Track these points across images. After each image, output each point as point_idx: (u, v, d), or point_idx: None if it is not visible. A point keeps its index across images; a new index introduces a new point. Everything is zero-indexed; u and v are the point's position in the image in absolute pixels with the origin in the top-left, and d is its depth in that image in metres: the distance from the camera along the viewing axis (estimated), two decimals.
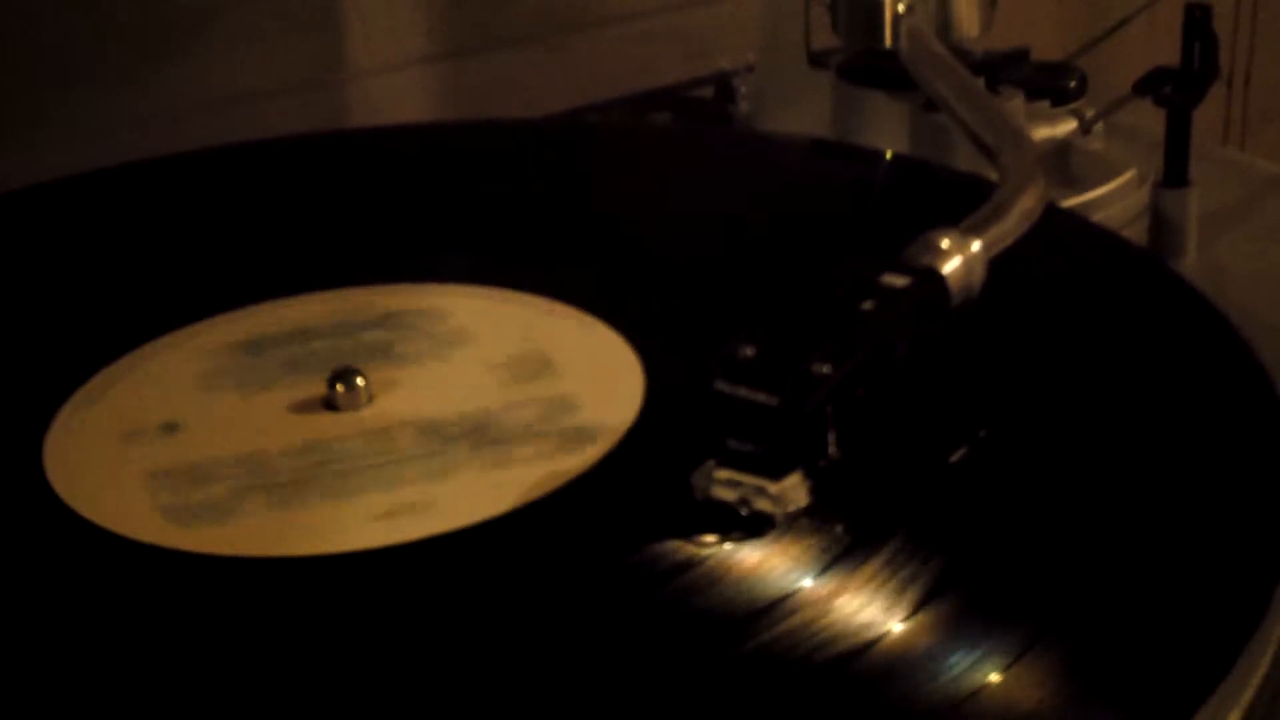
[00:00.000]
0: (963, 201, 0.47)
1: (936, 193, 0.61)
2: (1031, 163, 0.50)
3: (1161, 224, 0.61)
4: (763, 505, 0.39)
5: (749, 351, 0.39)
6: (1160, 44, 0.62)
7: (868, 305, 0.41)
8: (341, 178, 0.64)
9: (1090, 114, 0.66)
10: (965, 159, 0.60)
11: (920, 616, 0.36)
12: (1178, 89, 0.59)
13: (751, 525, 0.39)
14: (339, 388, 0.46)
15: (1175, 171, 0.61)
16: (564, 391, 0.47)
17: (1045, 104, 0.66)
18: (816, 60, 0.71)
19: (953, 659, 0.35)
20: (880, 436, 0.42)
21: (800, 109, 0.72)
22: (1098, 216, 0.62)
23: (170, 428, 0.46)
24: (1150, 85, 0.60)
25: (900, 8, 0.64)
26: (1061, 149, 0.65)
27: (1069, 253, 0.54)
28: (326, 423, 0.46)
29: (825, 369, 0.39)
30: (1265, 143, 1.10)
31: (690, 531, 0.39)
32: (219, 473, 0.44)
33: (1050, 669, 0.35)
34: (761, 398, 0.38)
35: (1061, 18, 0.96)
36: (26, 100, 0.71)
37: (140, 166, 0.64)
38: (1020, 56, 0.67)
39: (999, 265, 0.44)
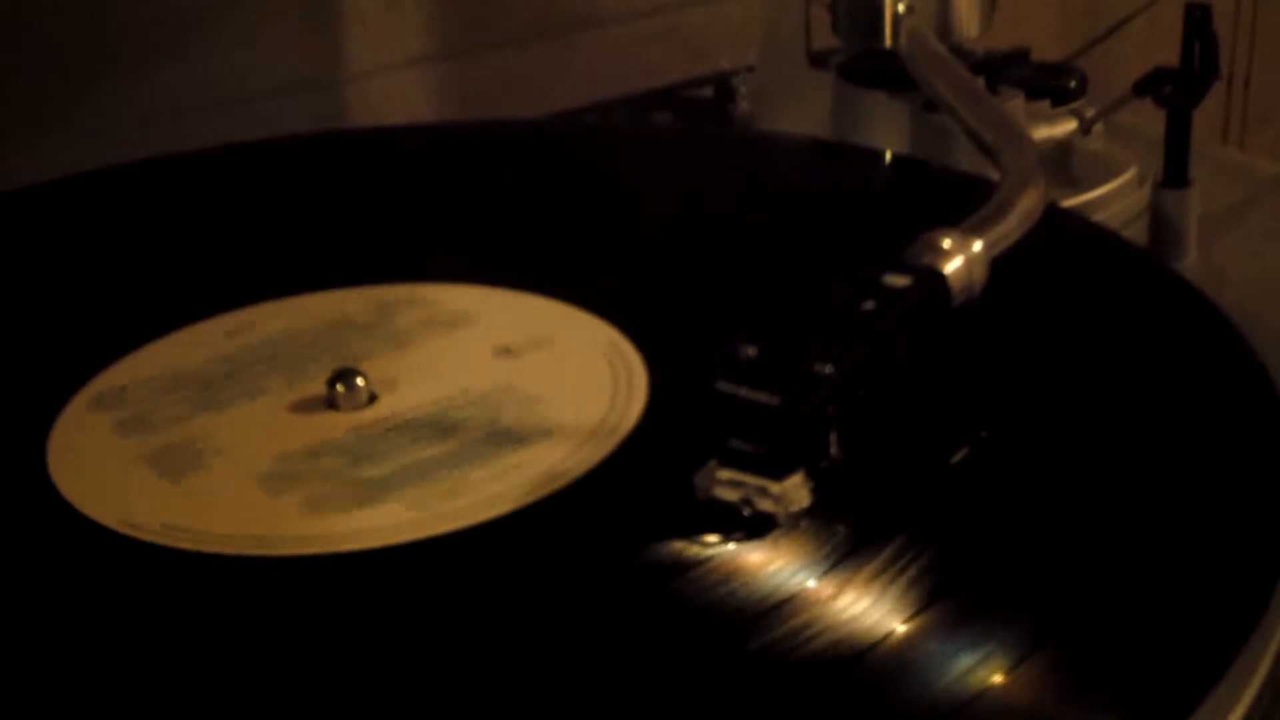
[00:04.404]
0: (963, 201, 0.47)
1: (936, 193, 0.61)
2: (1032, 163, 0.50)
3: (1161, 224, 0.61)
4: (765, 506, 0.39)
5: (750, 351, 0.39)
6: (1160, 44, 0.62)
7: (869, 305, 0.41)
8: (341, 178, 0.64)
9: (1090, 114, 0.66)
10: (965, 159, 0.60)
11: (922, 617, 0.36)
12: (1178, 89, 0.59)
13: (754, 526, 0.39)
14: (339, 388, 0.46)
15: (1175, 171, 0.61)
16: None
17: (1045, 104, 0.66)
18: (816, 60, 0.71)
19: (954, 660, 0.35)
20: (882, 437, 0.42)
21: (800, 109, 0.72)
22: (1098, 216, 0.62)
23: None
24: (1150, 85, 0.60)
25: (900, 8, 0.64)
26: (1061, 149, 0.66)
27: (1069, 253, 0.54)
28: (327, 422, 0.46)
29: (826, 369, 0.39)
30: (1265, 143, 1.10)
31: (692, 532, 0.39)
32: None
33: (1051, 668, 0.35)
34: (763, 398, 0.38)
35: (1061, 18, 0.96)
36: (28, 100, 0.71)
37: (140, 166, 0.64)
38: (1020, 56, 0.67)
39: (999, 265, 0.44)
